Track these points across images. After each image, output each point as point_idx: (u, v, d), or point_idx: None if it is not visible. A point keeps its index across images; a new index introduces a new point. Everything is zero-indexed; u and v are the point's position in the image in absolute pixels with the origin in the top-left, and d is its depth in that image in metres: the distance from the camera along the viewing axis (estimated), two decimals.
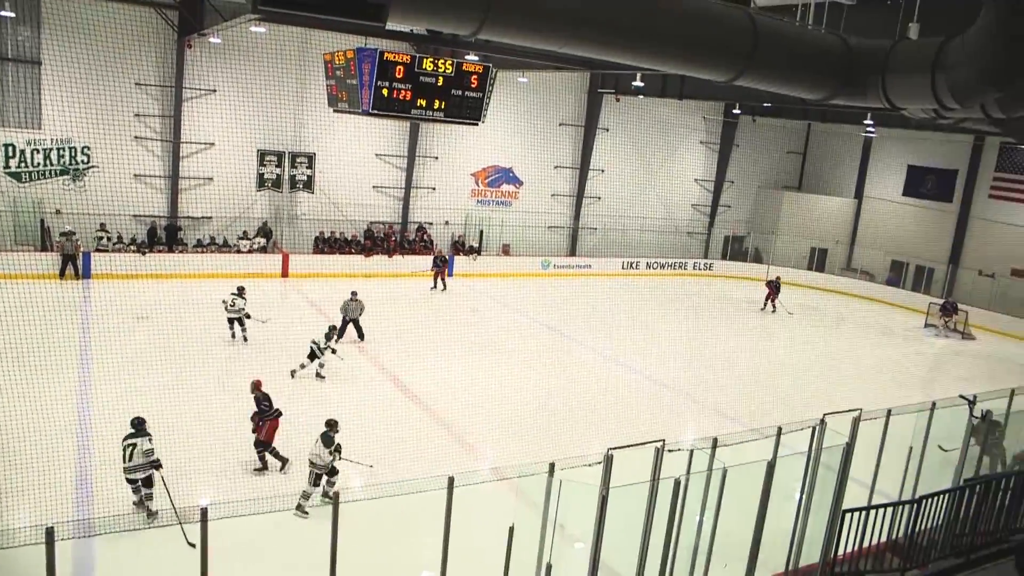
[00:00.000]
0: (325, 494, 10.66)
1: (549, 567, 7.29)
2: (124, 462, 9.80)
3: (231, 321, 17.67)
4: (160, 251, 23.53)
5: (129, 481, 9.91)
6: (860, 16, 14.85)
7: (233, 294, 17.63)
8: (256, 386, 12.02)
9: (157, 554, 8.54)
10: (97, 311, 19.04)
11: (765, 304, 26.97)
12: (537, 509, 7.30)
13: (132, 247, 23.21)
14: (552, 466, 7.09)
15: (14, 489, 10.04)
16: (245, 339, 17.66)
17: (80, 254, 21.90)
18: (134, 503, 10.04)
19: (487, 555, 7.37)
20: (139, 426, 9.96)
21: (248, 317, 17.63)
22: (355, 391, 15.11)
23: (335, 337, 16.20)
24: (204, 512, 6.11)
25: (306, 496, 10.47)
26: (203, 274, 22.53)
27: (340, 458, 10.72)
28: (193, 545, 10.36)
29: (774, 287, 26.92)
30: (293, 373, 15.56)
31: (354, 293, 18.87)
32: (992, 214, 30.45)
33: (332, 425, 10.85)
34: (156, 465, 9.79)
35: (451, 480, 6.95)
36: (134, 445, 9.74)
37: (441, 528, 7.08)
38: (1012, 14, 7.12)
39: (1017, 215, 29.58)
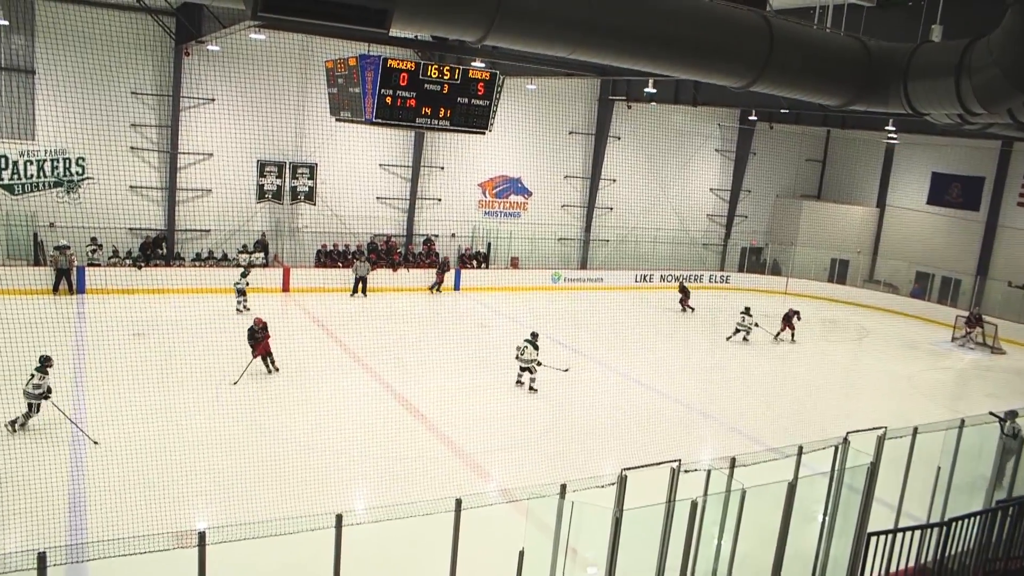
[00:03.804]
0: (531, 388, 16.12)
1: None
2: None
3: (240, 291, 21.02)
4: (157, 265, 23.03)
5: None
6: (880, 18, 14.61)
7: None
8: (257, 321, 16.20)
9: None
10: (92, 327, 18.67)
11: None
12: (548, 532, 7.17)
13: (128, 261, 22.74)
14: (563, 487, 6.97)
15: (5, 513, 9.92)
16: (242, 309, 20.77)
17: (74, 268, 21.51)
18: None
19: None
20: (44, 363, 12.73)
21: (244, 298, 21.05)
22: (358, 409, 14.71)
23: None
24: (202, 536, 6.01)
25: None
26: (201, 289, 22.08)
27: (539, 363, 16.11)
28: (96, 443, 12.05)
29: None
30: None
31: (361, 253, 24.58)
32: (1022, 223, 29.55)
33: (536, 336, 16.21)
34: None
35: (459, 502, 6.90)
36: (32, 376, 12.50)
37: (449, 552, 7.03)
38: None
39: None
